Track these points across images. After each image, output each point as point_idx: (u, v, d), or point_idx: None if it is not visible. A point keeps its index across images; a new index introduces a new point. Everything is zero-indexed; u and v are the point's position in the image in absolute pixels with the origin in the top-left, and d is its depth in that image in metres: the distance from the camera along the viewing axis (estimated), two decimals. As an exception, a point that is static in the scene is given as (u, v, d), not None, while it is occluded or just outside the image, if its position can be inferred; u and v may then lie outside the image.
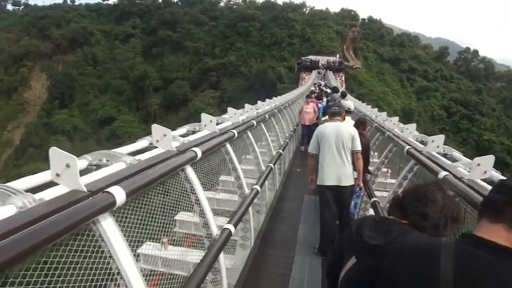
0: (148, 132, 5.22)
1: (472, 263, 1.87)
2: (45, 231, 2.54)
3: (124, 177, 3.72)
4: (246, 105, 11.80)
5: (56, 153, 3.17)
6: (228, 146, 7.15)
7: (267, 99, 18.04)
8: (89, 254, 3.14)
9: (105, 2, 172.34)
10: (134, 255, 4.06)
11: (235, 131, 7.52)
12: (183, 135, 6.71)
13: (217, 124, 8.43)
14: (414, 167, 7.58)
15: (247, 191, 7.33)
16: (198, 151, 5.13)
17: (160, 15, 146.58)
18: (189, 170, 4.97)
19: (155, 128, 5.02)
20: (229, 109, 9.49)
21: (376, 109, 21.35)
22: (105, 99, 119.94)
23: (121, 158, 4.33)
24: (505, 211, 1.92)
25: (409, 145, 8.37)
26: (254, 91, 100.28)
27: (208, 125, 7.15)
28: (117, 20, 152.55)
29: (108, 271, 3.26)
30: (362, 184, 9.05)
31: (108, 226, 3.17)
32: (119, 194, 3.24)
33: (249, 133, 9.28)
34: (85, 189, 3.15)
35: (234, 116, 9.11)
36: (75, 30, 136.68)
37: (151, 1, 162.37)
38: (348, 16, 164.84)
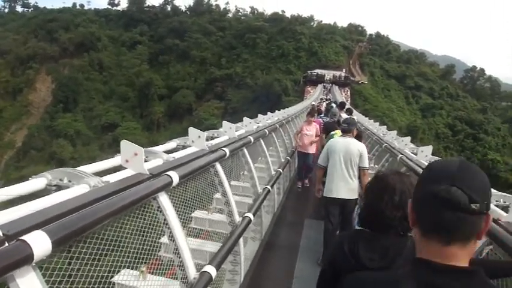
0: (152, 140, 4.37)
1: None
2: None
3: (62, 213, 2.83)
4: (245, 118, 10.90)
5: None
6: (218, 166, 6.19)
7: (268, 113, 16.87)
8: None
9: (114, 8, 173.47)
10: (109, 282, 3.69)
11: (227, 150, 6.55)
12: (171, 151, 5.97)
13: (212, 138, 7.92)
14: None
15: (238, 219, 6.38)
16: (175, 176, 4.18)
17: (168, 23, 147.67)
18: (163, 199, 4.05)
19: (125, 145, 4.11)
20: (224, 123, 8.63)
21: (385, 127, 20.15)
22: (110, 105, 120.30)
23: (84, 179, 3.64)
24: (461, 230, 1.69)
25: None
26: (259, 103, 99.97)
27: (196, 141, 6.19)
28: (125, 26, 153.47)
29: None
30: None
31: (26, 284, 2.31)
32: (40, 243, 2.35)
33: (245, 151, 8.38)
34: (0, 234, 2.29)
35: (229, 131, 8.27)
36: (83, 35, 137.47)
37: (159, 9, 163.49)
38: (355, 31, 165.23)
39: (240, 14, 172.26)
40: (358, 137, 10.06)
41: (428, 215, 1.74)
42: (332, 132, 12.19)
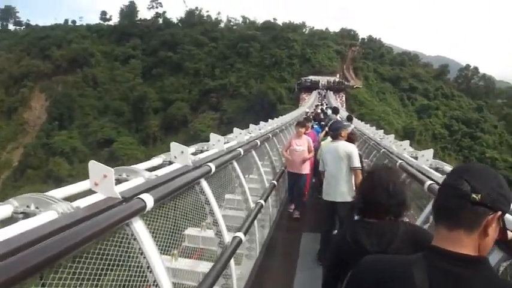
0: (148, 154, 4.02)
1: (446, 279, 1.90)
2: None
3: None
4: (235, 129, 10.33)
5: None
6: (204, 183, 5.74)
7: (261, 122, 15.85)
8: None
9: (106, 22, 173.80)
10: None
11: (212, 165, 6.06)
12: (156, 168, 5.58)
13: (201, 152, 7.53)
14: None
15: (227, 239, 5.90)
16: (149, 199, 3.75)
17: (160, 36, 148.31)
18: (137, 225, 3.62)
19: (93, 166, 3.70)
20: (212, 135, 8.13)
21: (382, 131, 18.66)
22: (105, 121, 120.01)
23: (52, 205, 3.26)
24: (462, 216, 1.92)
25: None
26: (254, 112, 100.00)
27: (179, 157, 5.76)
28: (117, 41, 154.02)
29: None
30: None
31: None
32: None
33: (235, 164, 7.95)
34: None
35: (217, 144, 7.82)
36: (75, 51, 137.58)
37: (151, 22, 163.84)
38: (347, 36, 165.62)
39: (231, 23, 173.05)
40: (350, 140, 10.15)
41: (438, 202, 2.03)
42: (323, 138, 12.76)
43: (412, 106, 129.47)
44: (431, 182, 6.35)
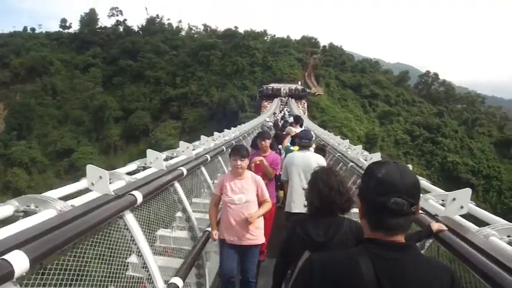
0: (109, 164, 3.75)
1: (386, 263, 2.20)
2: None
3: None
4: (181, 143, 9.05)
5: None
6: (129, 217, 4.47)
7: (215, 133, 13.97)
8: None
9: (66, 30, 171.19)
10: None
11: (138, 193, 4.64)
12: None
13: (144, 168, 6.72)
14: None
15: (161, 286, 4.57)
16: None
17: (121, 44, 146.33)
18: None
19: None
20: (149, 152, 6.77)
21: (347, 141, 17.33)
22: (64, 130, 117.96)
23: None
24: (403, 228, 2.28)
25: None
26: (216, 121, 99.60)
27: (97, 183, 4.42)
28: (77, 49, 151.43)
29: None
30: None
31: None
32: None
33: (176, 185, 6.72)
34: None
35: (155, 162, 6.63)
36: (34, 59, 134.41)
37: (112, 30, 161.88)
38: (308, 43, 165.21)
39: (193, 31, 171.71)
40: (322, 151, 10.42)
41: (380, 220, 2.27)
42: (291, 147, 11.61)
43: (374, 112, 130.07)
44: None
